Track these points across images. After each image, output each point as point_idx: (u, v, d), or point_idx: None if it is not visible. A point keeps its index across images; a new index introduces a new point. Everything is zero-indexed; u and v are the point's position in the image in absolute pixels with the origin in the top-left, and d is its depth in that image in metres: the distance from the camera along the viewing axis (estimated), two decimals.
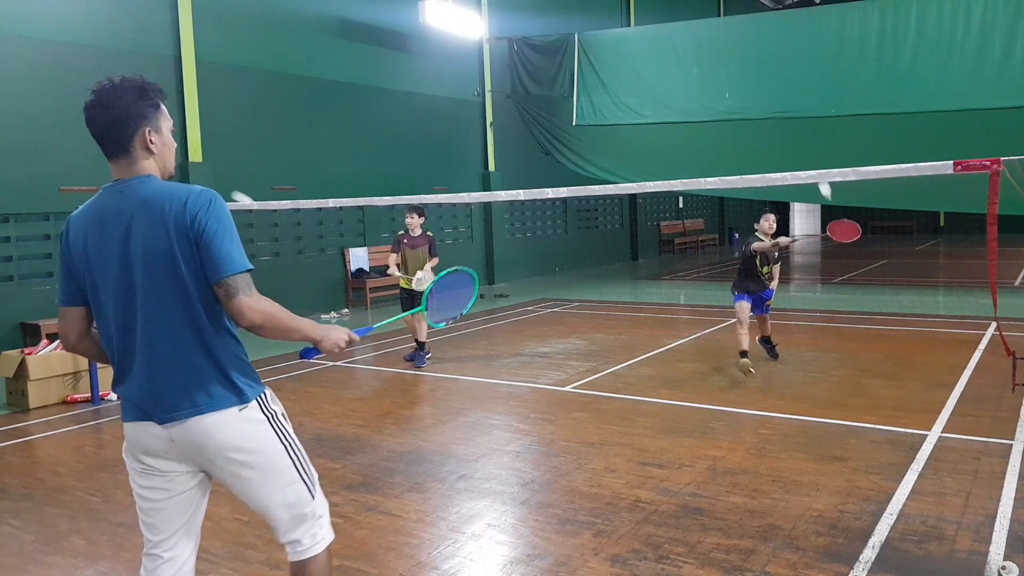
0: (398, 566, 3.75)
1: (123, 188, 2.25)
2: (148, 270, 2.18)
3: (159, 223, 2.16)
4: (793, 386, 7.17)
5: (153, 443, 2.30)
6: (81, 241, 2.27)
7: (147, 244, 2.17)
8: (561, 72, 15.26)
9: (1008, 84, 11.07)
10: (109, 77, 2.32)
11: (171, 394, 2.23)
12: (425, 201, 7.86)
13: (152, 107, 2.32)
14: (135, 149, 2.27)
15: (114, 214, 2.22)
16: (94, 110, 2.25)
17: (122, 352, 2.27)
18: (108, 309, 2.25)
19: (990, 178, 3.41)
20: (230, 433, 2.26)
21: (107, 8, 10.50)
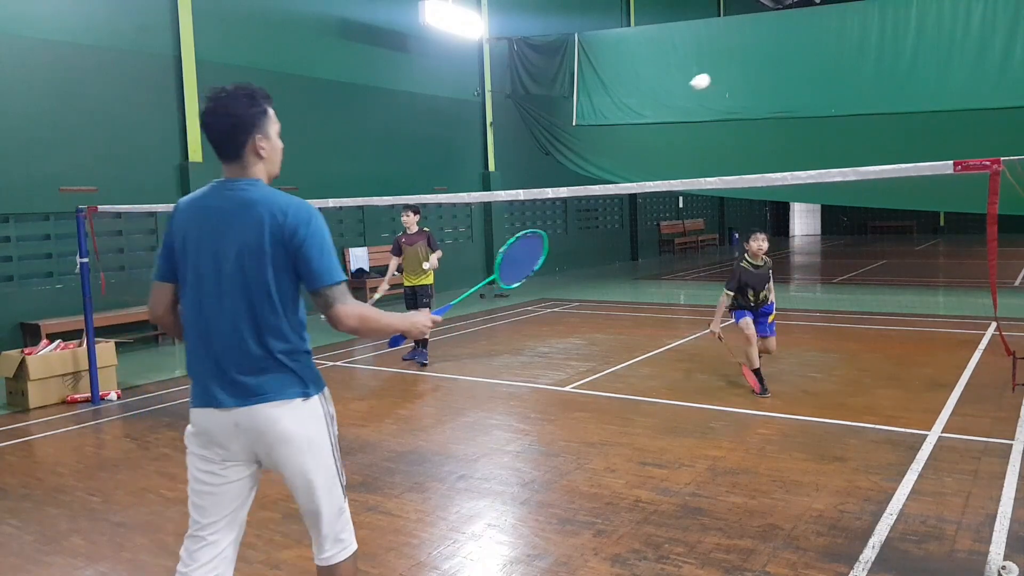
0: (398, 566, 3.75)
1: (231, 187, 2.45)
2: (239, 266, 2.36)
3: (257, 226, 2.35)
4: (793, 386, 7.16)
5: (217, 429, 2.41)
6: (183, 227, 2.46)
7: (242, 242, 2.35)
8: (561, 72, 15.25)
9: (1008, 84, 11.06)
10: (223, 86, 2.47)
11: (242, 381, 2.38)
12: (425, 201, 7.87)
13: (261, 113, 2.47)
14: (247, 155, 2.46)
15: (218, 210, 2.42)
16: (211, 118, 2.43)
17: (200, 337, 2.42)
18: (196, 295, 2.42)
19: (990, 178, 3.41)
20: (291, 422, 2.40)
21: (107, 8, 10.49)
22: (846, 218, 32.30)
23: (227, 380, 2.39)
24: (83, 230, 7.46)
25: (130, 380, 8.29)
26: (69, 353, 7.47)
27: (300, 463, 2.43)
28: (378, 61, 14.65)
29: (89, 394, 7.40)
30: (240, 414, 2.38)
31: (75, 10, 10.17)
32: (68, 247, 9.66)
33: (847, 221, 32.23)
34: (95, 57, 10.31)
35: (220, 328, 2.39)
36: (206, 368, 2.42)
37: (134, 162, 10.72)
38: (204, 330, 2.42)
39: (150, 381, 8.34)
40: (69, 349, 7.55)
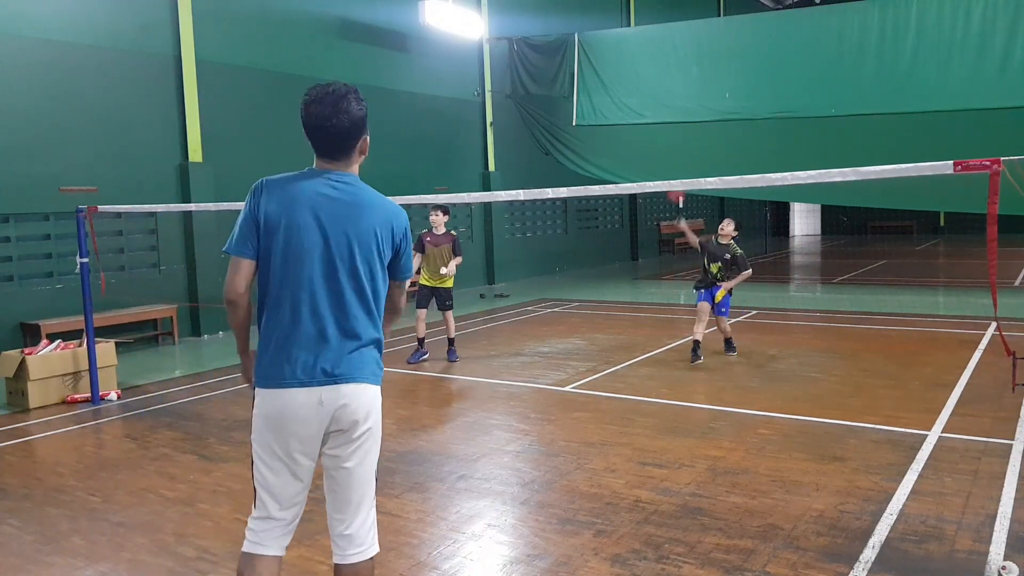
0: (398, 566, 3.75)
1: (339, 179, 2.61)
2: (351, 256, 2.55)
3: (372, 224, 2.59)
4: (793, 386, 7.17)
5: (297, 409, 2.51)
6: (281, 207, 2.54)
7: (356, 235, 2.56)
8: (561, 72, 15.25)
9: (1008, 84, 11.07)
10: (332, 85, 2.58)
11: (334, 361, 2.53)
12: (425, 201, 7.86)
13: (366, 115, 2.65)
14: (354, 153, 2.66)
15: (327, 198, 2.56)
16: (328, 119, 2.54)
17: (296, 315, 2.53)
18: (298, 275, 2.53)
19: (990, 178, 3.41)
20: (369, 404, 2.60)
21: (107, 8, 10.49)
22: (846, 218, 32.30)
23: (318, 360, 2.51)
24: (83, 230, 7.46)
25: (130, 380, 8.29)
26: (69, 353, 7.47)
27: (367, 447, 2.60)
28: (378, 61, 14.65)
29: (89, 394, 7.40)
30: (328, 391, 2.51)
31: (75, 10, 10.16)
32: (68, 247, 9.66)
33: (847, 221, 32.23)
34: (95, 57, 10.31)
35: (315, 310, 2.52)
36: (295, 347, 2.52)
37: (134, 162, 10.72)
38: (299, 308, 2.52)
39: (150, 381, 8.34)
40: (69, 349, 7.55)
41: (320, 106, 2.53)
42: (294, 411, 2.51)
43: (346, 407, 2.54)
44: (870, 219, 31.27)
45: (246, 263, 2.58)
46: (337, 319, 2.55)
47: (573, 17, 18.79)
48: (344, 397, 2.54)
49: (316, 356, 2.52)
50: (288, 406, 2.51)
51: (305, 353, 2.52)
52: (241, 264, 2.58)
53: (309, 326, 2.53)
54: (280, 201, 2.55)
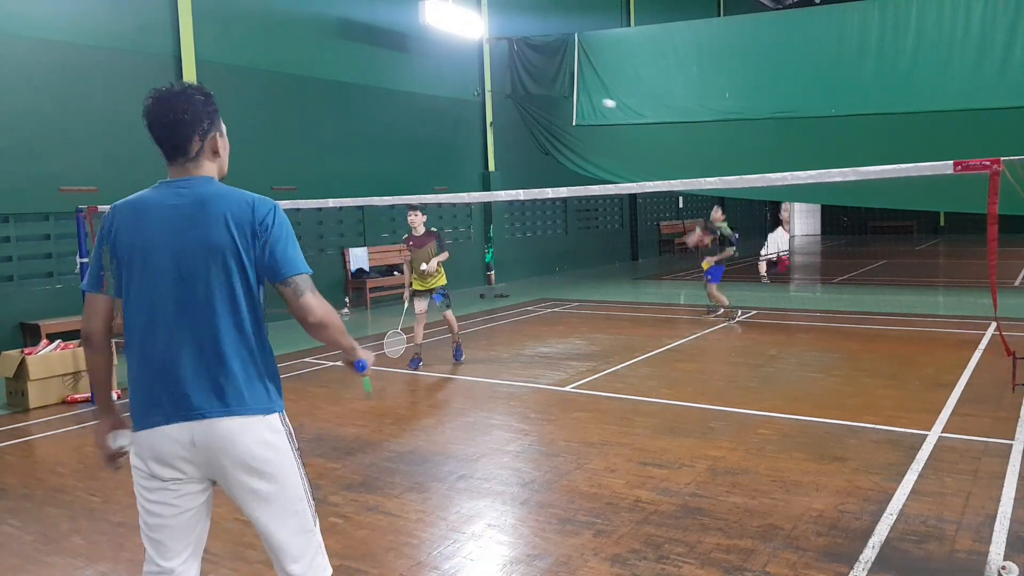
0: (398, 566, 3.75)
1: (184, 185, 2.31)
2: (202, 266, 2.23)
3: (221, 223, 2.24)
4: (793, 386, 7.17)
5: (171, 448, 2.24)
6: (128, 231, 2.29)
7: (205, 241, 2.23)
8: (561, 72, 15.24)
9: (1008, 84, 11.06)
10: (170, 83, 2.40)
11: (202, 391, 2.23)
12: (425, 201, 7.86)
13: (216, 112, 2.40)
14: (203, 152, 2.35)
15: (172, 208, 2.27)
16: (163, 115, 2.29)
17: (153, 347, 2.26)
18: (151, 301, 2.25)
19: (990, 178, 3.41)
20: (253, 439, 2.25)
21: (107, 8, 10.49)
22: (846, 218, 32.30)
23: (184, 393, 2.22)
24: (83, 230, 7.46)
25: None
26: (69, 353, 7.47)
27: (262, 486, 2.27)
28: (378, 61, 14.65)
29: (89, 394, 7.40)
30: (198, 429, 2.21)
31: (75, 10, 10.17)
32: (68, 247, 9.66)
33: (847, 221, 32.23)
34: (95, 57, 10.31)
35: (179, 336, 2.23)
36: (158, 381, 2.24)
37: (134, 162, 10.69)
38: (159, 339, 2.24)
39: None
40: (69, 349, 7.54)
41: (157, 104, 2.29)
42: (168, 451, 2.24)
43: (223, 447, 2.22)
44: (870, 219, 31.27)
45: (96, 299, 2.34)
46: (201, 345, 2.22)
47: (573, 17, 18.79)
48: (216, 433, 2.21)
49: (178, 392, 2.22)
50: (163, 445, 2.24)
51: (167, 391, 2.23)
52: (91, 300, 2.34)
53: (168, 357, 2.23)
54: (125, 225, 2.29)
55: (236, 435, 2.23)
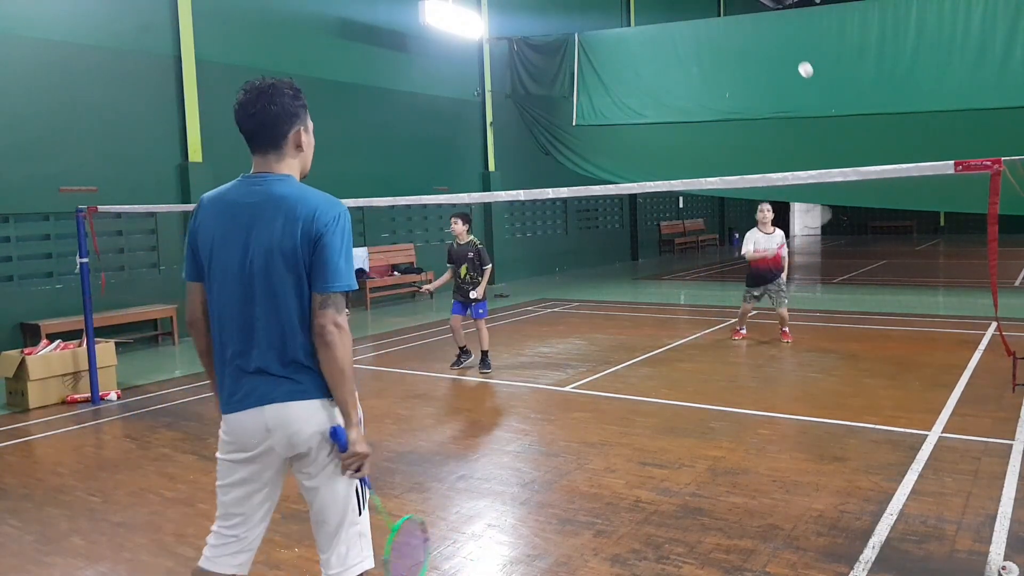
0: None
1: (260, 181, 2.39)
2: (270, 262, 2.30)
3: (288, 222, 2.30)
4: (793, 386, 7.17)
5: (245, 431, 2.37)
6: (209, 224, 2.40)
7: (273, 238, 2.30)
8: (561, 72, 15.25)
9: (1008, 84, 11.06)
10: (261, 78, 2.45)
11: (271, 380, 2.33)
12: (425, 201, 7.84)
13: (303, 107, 2.48)
14: (287, 146, 2.43)
15: (246, 204, 2.35)
16: (254, 105, 2.37)
17: (228, 335, 2.37)
18: (223, 292, 2.37)
19: (990, 178, 3.41)
20: (321, 421, 2.36)
21: (107, 8, 10.49)
22: (846, 218, 32.30)
23: (255, 381, 2.34)
24: (83, 230, 7.46)
25: (130, 380, 8.29)
26: (69, 353, 7.47)
27: (329, 468, 2.40)
28: (378, 61, 14.65)
29: (89, 394, 7.40)
30: (270, 413, 2.33)
31: (75, 10, 10.17)
32: (68, 247, 9.66)
33: (847, 221, 32.23)
34: (95, 57, 10.31)
35: (246, 327, 2.34)
36: (235, 369, 2.37)
37: (134, 162, 10.72)
38: (229, 329, 2.37)
39: (150, 381, 8.34)
40: (69, 349, 7.55)
41: (248, 95, 2.38)
42: (243, 433, 2.38)
43: (296, 429, 2.35)
44: (870, 219, 31.28)
45: (194, 287, 2.46)
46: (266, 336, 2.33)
47: (573, 17, 18.79)
48: (288, 416, 2.34)
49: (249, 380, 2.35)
50: (239, 427, 2.38)
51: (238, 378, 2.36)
52: (190, 289, 2.48)
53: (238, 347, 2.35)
54: (206, 217, 2.42)
55: (308, 416, 2.34)
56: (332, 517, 2.44)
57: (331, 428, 2.39)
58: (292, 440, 2.35)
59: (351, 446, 2.37)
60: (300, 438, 2.35)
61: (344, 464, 2.39)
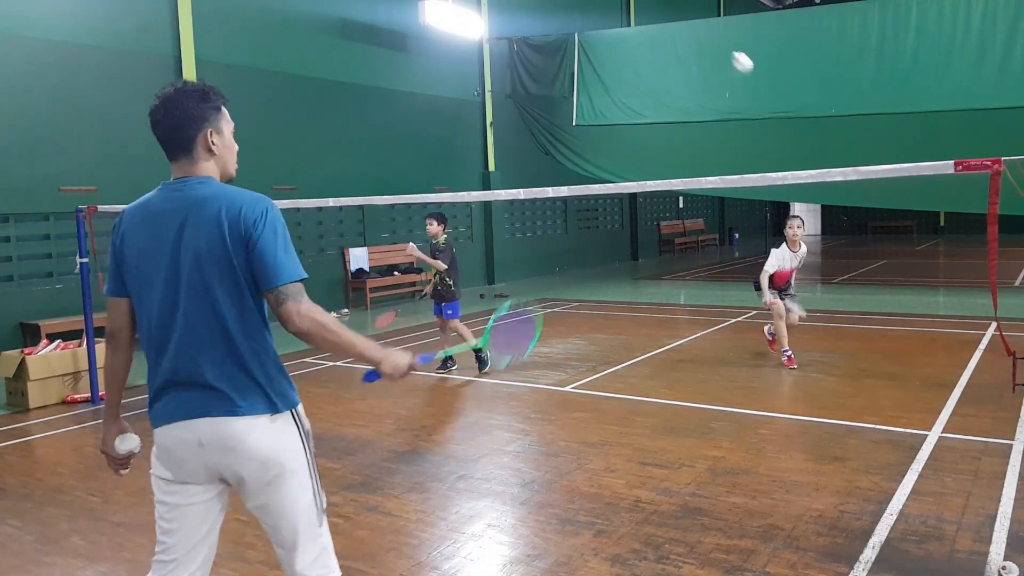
0: (398, 566, 3.75)
1: (180, 187, 2.32)
2: (198, 270, 2.21)
3: (214, 225, 2.20)
4: (793, 386, 7.17)
5: (178, 446, 2.26)
6: (132, 234, 2.32)
7: (200, 244, 2.21)
8: (561, 72, 15.25)
9: (1008, 84, 11.06)
10: (172, 83, 2.38)
11: (204, 394, 2.23)
12: (425, 201, 7.86)
13: (213, 109, 2.37)
14: (197, 150, 2.34)
15: (168, 211, 2.28)
16: (159, 113, 2.32)
17: (158, 350, 2.28)
18: (152, 304, 2.27)
19: (991, 178, 3.41)
20: (260, 439, 2.24)
21: (107, 8, 10.49)
22: (846, 218, 32.30)
23: (188, 394, 2.24)
24: (83, 230, 7.46)
25: (130, 380, 8.26)
26: (69, 353, 7.47)
27: (273, 488, 2.26)
28: (378, 61, 14.65)
29: (89, 394, 7.40)
30: (204, 430, 2.21)
31: (75, 10, 10.17)
32: (68, 247, 9.66)
33: (847, 221, 32.23)
34: (95, 57, 10.31)
35: (183, 339, 2.23)
36: (166, 382, 2.27)
37: (134, 162, 10.70)
38: (161, 341, 2.26)
39: None
40: (69, 349, 7.54)
41: (155, 103, 2.33)
42: (176, 448, 2.26)
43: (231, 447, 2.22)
44: (870, 219, 31.28)
45: (113, 303, 2.38)
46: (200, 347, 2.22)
47: (573, 17, 18.80)
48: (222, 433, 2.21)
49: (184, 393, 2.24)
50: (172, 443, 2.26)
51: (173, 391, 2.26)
52: (113, 304, 2.38)
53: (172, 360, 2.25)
54: (129, 229, 2.33)
55: (243, 435, 2.22)
56: (288, 535, 2.32)
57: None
58: (227, 458, 2.23)
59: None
60: (236, 456, 2.23)
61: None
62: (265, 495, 2.28)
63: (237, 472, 2.26)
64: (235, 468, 2.25)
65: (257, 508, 2.32)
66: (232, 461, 2.24)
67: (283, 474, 2.27)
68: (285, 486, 2.28)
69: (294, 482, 2.29)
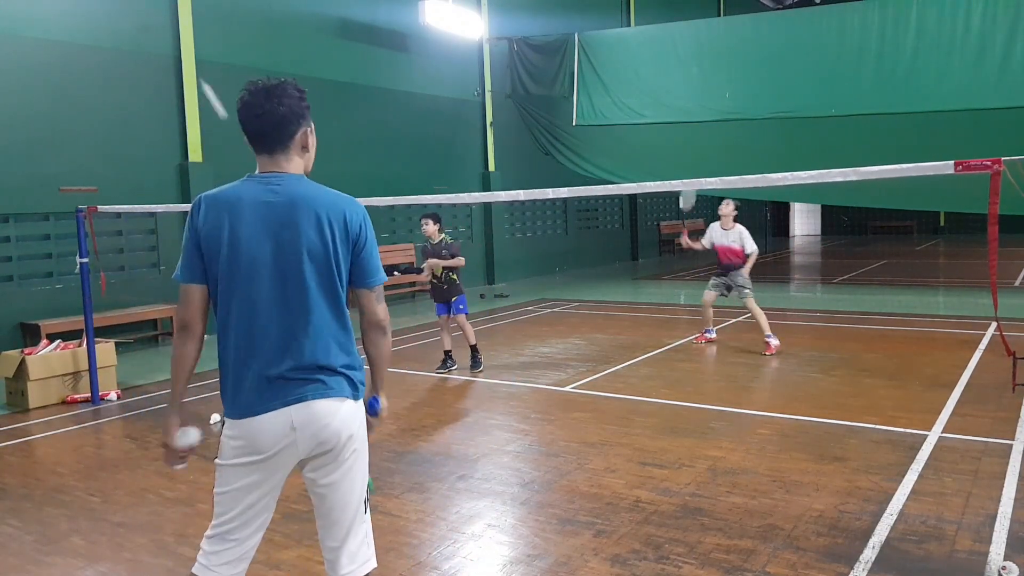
0: (398, 566, 3.75)
1: (277, 182, 2.38)
2: (299, 264, 2.32)
3: (317, 223, 2.34)
4: (793, 386, 7.17)
5: (268, 437, 2.32)
6: (220, 224, 2.33)
7: (301, 241, 2.32)
8: (561, 72, 15.25)
9: (1008, 84, 11.06)
10: (266, 77, 2.44)
11: (298, 380, 2.33)
12: (425, 201, 7.84)
13: (308, 108, 2.48)
14: (294, 147, 2.44)
15: (270, 204, 2.34)
16: (264, 104, 2.36)
17: (257, 338, 2.33)
18: (253, 294, 2.32)
19: (991, 178, 3.41)
20: (347, 419, 2.39)
21: (107, 8, 10.49)
22: (846, 218, 32.31)
23: (281, 382, 2.31)
24: (83, 230, 7.46)
25: (130, 380, 8.29)
26: (69, 353, 7.47)
27: (348, 465, 2.41)
28: (378, 61, 14.64)
29: (89, 394, 7.40)
30: (298, 412, 2.31)
31: (75, 10, 10.17)
32: (68, 247, 9.66)
33: (847, 221, 32.24)
34: (95, 57, 10.31)
35: (278, 330, 2.32)
36: (257, 371, 2.32)
37: (134, 162, 10.72)
38: (258, 332, 2.32)
39: (150, 381, 8.34)
40: (69, 349, 7.54)
41: (253, 96, 2.37)
42: (264, 438, 2.32)
43: (323, 425, 2.34)
44: (870, 219, 31.28)
45: (191, 290, 2.37)
46: (297, 337, 2.33)
47: (573, 17, 18.79)
48: (316, 413, 2.33)
49: (277, 382, 2.31)
50: (260, 432, 2.32)
51: (265, 380, 2.31)
52: (190, 291, 2.37)
53: (267, 347, 2.32)
54: (217, 217, 2.33)
55: (334, 413, 2.36)
56: (346, 514, 2.44)
57: (371, 398, 2.59)
58: (319, 436, 2.34)
59: (382, 412, 2.61)
60: (327, 432, 2.35)
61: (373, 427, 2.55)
62: (341, 471, 2.40)
63: (325, 449, 2.37)
64: (326, 445, 2.36)
65: (327, 486, 2.41)
66: (325, 437, 2.35)
67: (360, 451, 2.45)
68: (357, 464, 2.45)
69: (362, 463, 2.47)
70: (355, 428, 2.42)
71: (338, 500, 2.43)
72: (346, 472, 2.42)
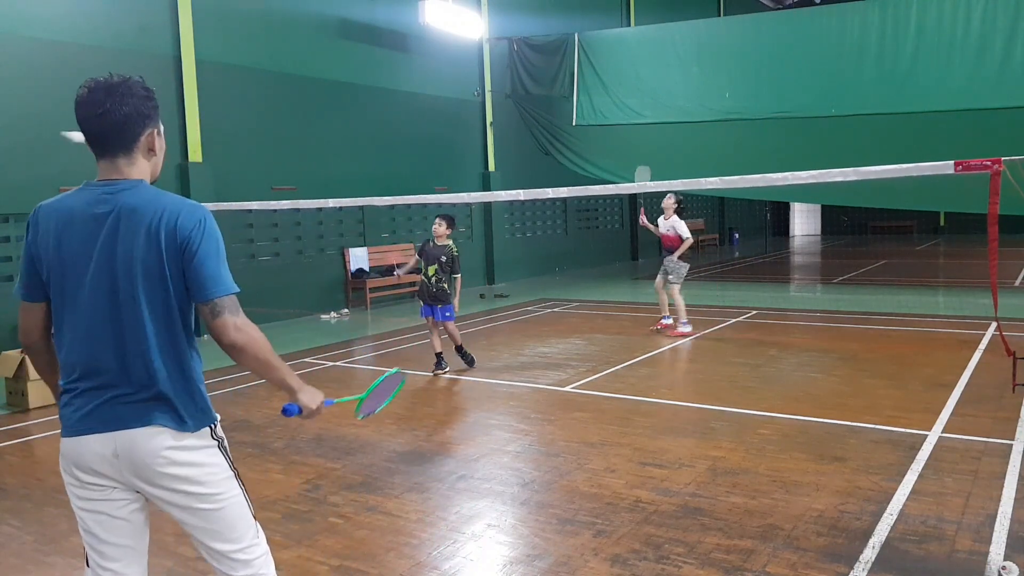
0: (398, 566, 3.75)
1: (111, 189, 2.16)
2: (131, 280, 2.11)
3: (150, 235, 2.10)
4: (793, 386, 7.17)
5: (93, 459, 2.16)
6: (53, 236, 2.16)
7: (134, 254, 2.10)
8: (561, 72, 15.26)
9: (1008, 84, 11.07)
10: (109, 74, 2.24)
11: (129, 404, 2.14)
12: (425, 201, 7.87)
13: (156, 108, 2.27)
14: (138, 150, 2.21)
15: (97, 216, 2.13)
16: (104, 103, 2.17)
17: (81, 357, 2.16)
18: (76, 311, 2.15)
19: (991, 178, 3.41)
20: (179, 452, 2.17)
21: (107, 8, 10.49)
22: (846, 218, 32.32)
23: (109, 405, 2.13)
24: None
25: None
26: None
27: (193, 500, 2.20)
28: (378, 61, 14.64)
29: None
30: (120, 440, 2.13)
31: (75, 10, 10.17)
32: None
33: (847, 221, 32.26)
34: (95, 57, 10.31)
35: (111, 350, 2.13)
36: (81, 392, 2.16)
37: None
38: (83, 350, 2.15)
39: None
40: None
41: (93, 93, 2.18)
42: (91, 460, 2.16)
43: (147, 461, 2.14)
44: (870, 219, 31.29)
45: (28, 308, 2.23)
46: (125, 359, 2.13)
47: (573, 17, 18.79)
48: (137, 446, 2.13)
49: (104, 404, 2.14)
50: (86, 453, 2.16)
51: (93, 401, 2.14)
52: (30, 311, 2.23)
53: (96, 368, 2.14)
54: (47, 232, 2.16)
55: (160, 448, 2.15)
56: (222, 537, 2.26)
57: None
58: (137, 470, 2.16)
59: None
60: (145, 462, 2.15)
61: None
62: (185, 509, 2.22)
63: (154, 487, 2.19)
64: (151, 482, 2.18)
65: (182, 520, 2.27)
66: (148, 474, 2.17)
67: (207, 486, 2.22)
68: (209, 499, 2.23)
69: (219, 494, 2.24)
70: (189, 461, 2.17)
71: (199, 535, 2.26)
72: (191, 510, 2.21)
